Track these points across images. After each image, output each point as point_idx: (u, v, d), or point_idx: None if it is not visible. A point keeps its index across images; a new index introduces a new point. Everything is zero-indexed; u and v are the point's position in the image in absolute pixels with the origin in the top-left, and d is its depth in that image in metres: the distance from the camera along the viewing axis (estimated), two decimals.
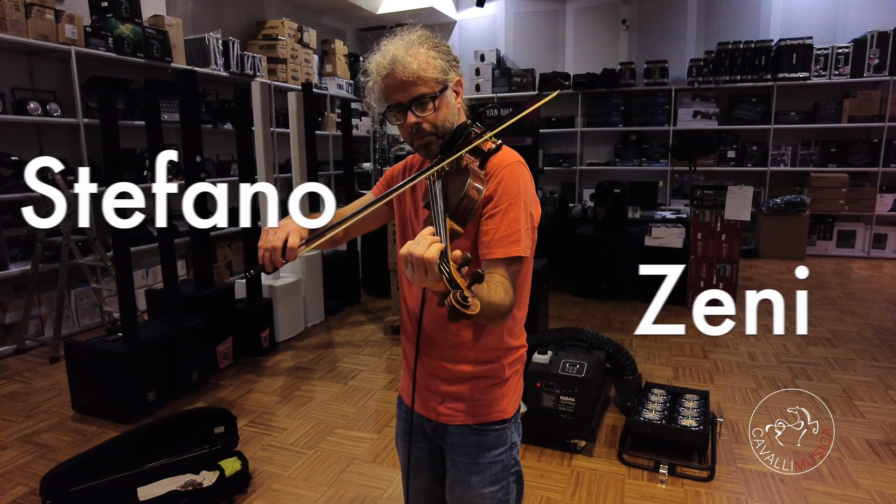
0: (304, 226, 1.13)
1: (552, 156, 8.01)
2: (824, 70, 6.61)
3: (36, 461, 2.58)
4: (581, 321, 4.52)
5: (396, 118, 1.13)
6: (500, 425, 1.20)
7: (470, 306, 0.79)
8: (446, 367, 1.20)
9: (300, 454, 2.64)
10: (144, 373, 2.99)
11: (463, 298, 0.79)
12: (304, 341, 4.15)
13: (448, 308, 0.79)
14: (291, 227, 1.12)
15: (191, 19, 5.55)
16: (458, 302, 0.78)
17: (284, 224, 1.12)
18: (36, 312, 4.04)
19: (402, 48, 1.09)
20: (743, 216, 4.54)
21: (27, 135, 4.16)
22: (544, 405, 2.58)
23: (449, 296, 0.80)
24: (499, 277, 1.02)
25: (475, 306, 0.79)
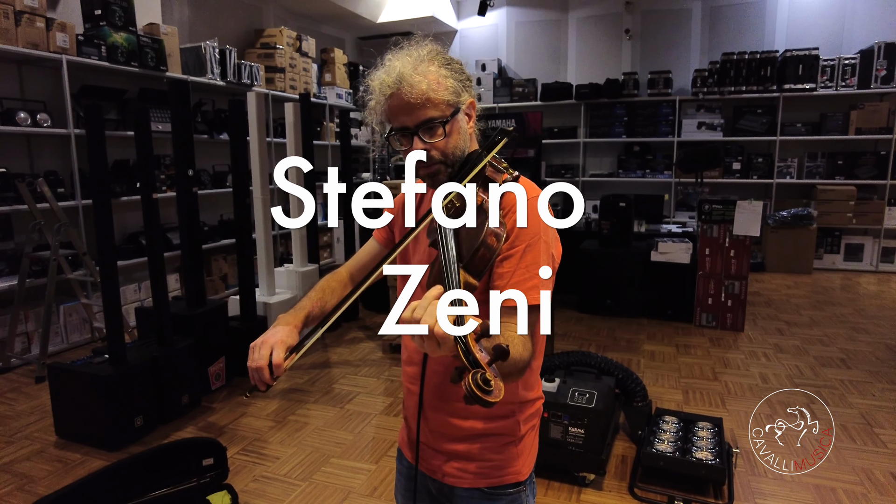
0: (288, 337, 1.01)
1: (554, 167, 7.90)
2: (831, 81, 6.52)
3: (13, 493, 2.43)
4: (586, 339, 4.39)
5: (401, 143, 1.00)
6: (514, 488, 1.07)
7: (492, 391, 0.65)
8: (454, 423, 1.06)
9: (294, 486, 2.49)
10: (132, 397, 2.85)
11: (484, 382, 0.65)
12: (300, 360, 4.00)
13: (465, 391, 0.65)
14: (276, 337, 0.99)
15: (187, 27, 5.44)
16: (479, 386, 0.64)
17: (269, 336, 1.00)
18: (22, 329, 3.90)
19: (410, 65, 0.96)
20: (752, 231, 4.42)
21: (16, 145, 4.04)
22: (552, 436, 2.44)
23: (467, 376, 0.66)
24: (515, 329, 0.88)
25: (498, 391, 0.65)
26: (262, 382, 0.96)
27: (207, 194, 5.24)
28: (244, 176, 3.77)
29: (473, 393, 0.64)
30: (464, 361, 0.67)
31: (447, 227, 0.87)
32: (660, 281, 4.80)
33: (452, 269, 0.81)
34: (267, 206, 3.99)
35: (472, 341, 0.69)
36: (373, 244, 1.24)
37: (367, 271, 1.19)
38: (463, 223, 0.89)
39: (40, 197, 3.78)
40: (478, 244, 0.84)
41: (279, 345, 0.98)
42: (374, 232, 1.25)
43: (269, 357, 0.96)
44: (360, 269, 1.23)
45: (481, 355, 0.68)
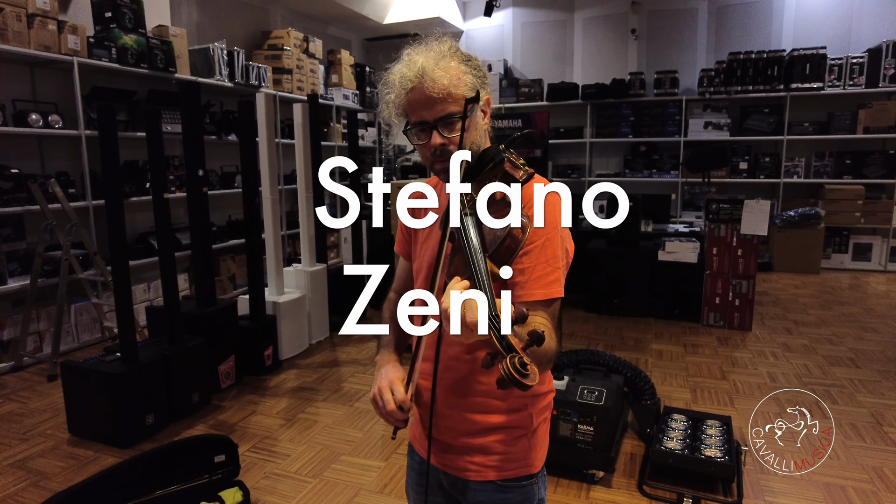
0: (397, 372, 1.08)
1: (561, 167, 7.90)
2: (838, 80, 6.49)
3: (28, 489, 2.46)
4: (594, 339, 4.39)
5: (419, 137, 1.01)
6: (526, 481, 1.08)
7: (529, 374, 0.65)
8: (469, 417, 1.07)
9: (304, 483, 2.51)
10: (143, 395, 2.88)
11: (522, 365, 0.65)
12: (309, 359, 4.03)
13: (504, 375, 0.66)
14: (388, 377, 1.06)
15: (195, 29, 5.48)
16: (517, 369, 0.65)
17: (382, 380, 1.06)
18: (34, 328, 3.94)
19: (432, 60, 0.97)
20: (760, 231, 4.41)
21: (28, 147, 4.08)
22: (561, 434, 2.45)
23: (504, 361, 0.66)
24: (541, 321, 0.90)
25: (534, 375, 0.66)
26: (400, 421, 1.03)
27: (216, 195, 5.28)
28: (253, 176, 3.80)
29: (512, 376, 0.65)
30: (497, 347, 0.68)
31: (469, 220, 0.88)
32: (667, 280, 4.80)
33: (479, 258, 0.81)
34: (276, 206, 4.02)
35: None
36: (401, 261, 1.27)
37: (407, 286, 1.25)
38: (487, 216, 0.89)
39: (52, 197, 3.82)
40: (504, 235, 0.84)
41: (395, 382, 1.04)
42: (395, 247, 1.28)
43: (393, 399, 1.02)
44: (403, 285, 1.27)
45: (515, 340, 0.69)
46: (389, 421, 1.03)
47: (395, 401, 1.01)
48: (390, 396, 1.02)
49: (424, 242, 1.13)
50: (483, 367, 0.70)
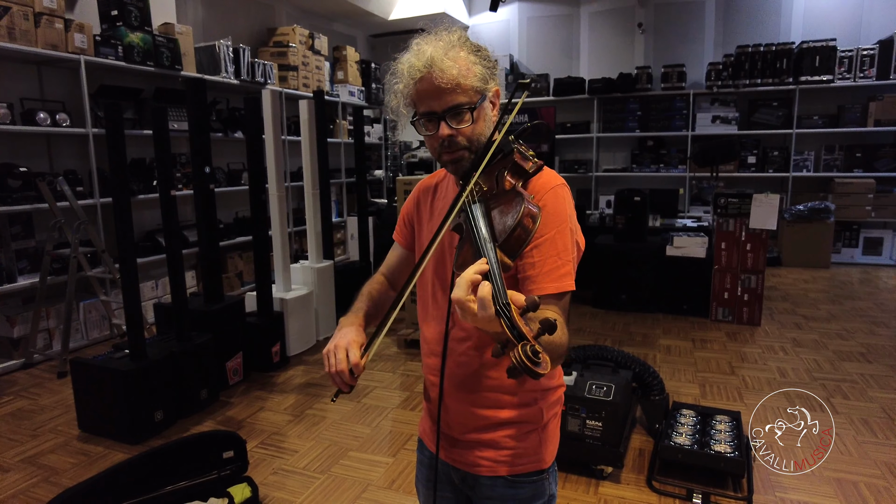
0: (357, 336, 1.03)
1: (567, 162, 7.87)
2: (849, 72, 6.42)
3: (39, 485, 2.48)
4: (601, 334, 4.38)
5: (427, 128, 1.00)
6: (537, 476, 1.07)
7: (541, 363, 0.64)
8: (478, 412, 1.06)
9: (313, 479, 2.52)
10: (152, 391, 2.89)
11: (534, 354, 0.64)
12: (316, 355, 4.04)
13: (515, 363, 0.64)
14: (347, 339, 1.01)
15: (201, 27, 5.49)
16: (529, 357, 0.63)
17: (340, 339, 1.01)
18: (44, 325, 3.96)
19: (442, 50, 0.96)
20: (769, 225, 4.38)
21: (36, 145, 4.10)
22: (569, 429, 2.44)
23: (516, 349, 0.65)
24: (552, 314, 0.89)
25: (546, 364, 0.65)
26: (345, 384, 0.98)
27: (223, 192, 5.29)
28: (260, 173, 3.80)
29: (524, 364, 0.63)
30: (508, 336, 0.67)
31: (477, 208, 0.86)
32: (675, 275, 4.77)
33: (488, 247, 0.80)
34: (283, 203, 4.02)
35: (517, 315, 0.69)
36: (396, 247, 1.26)
37: (397, 270, 1.23)
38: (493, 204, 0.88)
39: (60, 195, 3.83)
40: (514, 224, 0.82)
41: (353, 345, 0.99)
42: (394, 234, 1.26)
43: (346, 359, 0.97)
44: (392, 269, 1.25)
45: (527, 329, 0.68)
46: (335, 381, 0.98)
47: (346, 362, 0.97)
48: (344, 356, 0.97)
49: (430, 234, 1.12)
50: (493, 356, 0.69)
